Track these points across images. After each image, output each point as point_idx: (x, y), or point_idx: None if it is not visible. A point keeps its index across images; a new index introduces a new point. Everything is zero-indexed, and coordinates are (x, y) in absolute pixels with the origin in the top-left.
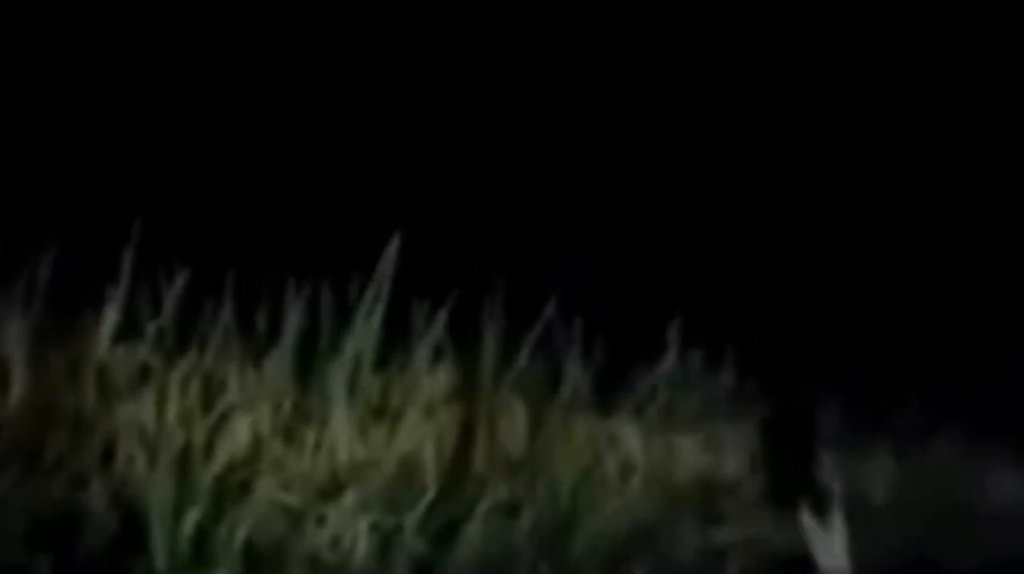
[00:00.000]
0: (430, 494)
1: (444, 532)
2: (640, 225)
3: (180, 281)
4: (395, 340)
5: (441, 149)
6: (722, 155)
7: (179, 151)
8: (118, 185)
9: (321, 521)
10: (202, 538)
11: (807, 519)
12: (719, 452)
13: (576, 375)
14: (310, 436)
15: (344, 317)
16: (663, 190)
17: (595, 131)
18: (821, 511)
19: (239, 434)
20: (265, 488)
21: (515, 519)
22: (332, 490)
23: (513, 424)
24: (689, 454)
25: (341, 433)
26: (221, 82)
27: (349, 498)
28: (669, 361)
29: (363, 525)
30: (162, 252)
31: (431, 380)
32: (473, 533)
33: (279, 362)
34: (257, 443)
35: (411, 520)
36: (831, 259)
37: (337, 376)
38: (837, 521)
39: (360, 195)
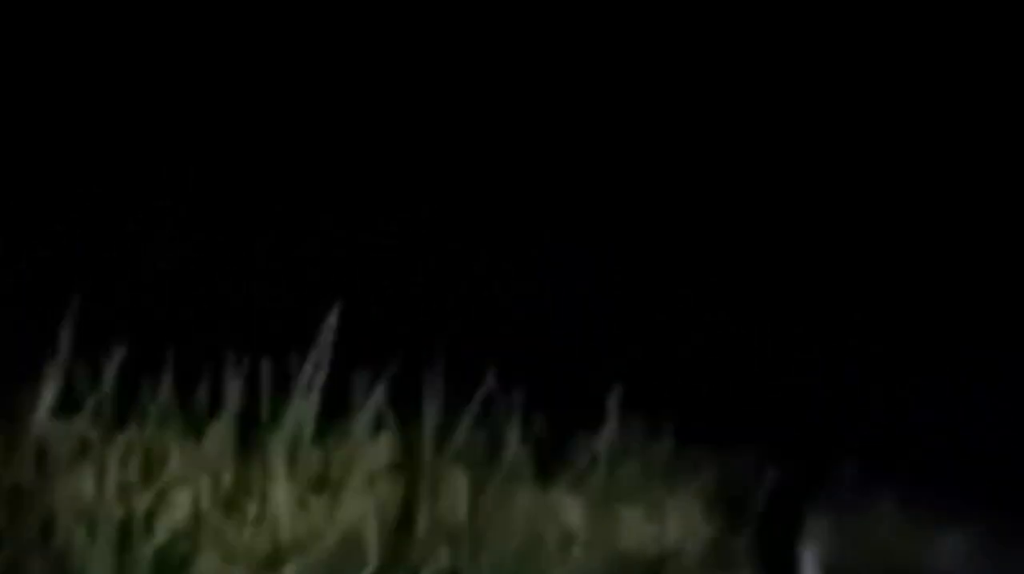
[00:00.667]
0: (372, 566)
1: None
2: (575, 295)
3: (119, 355)
4: (335, 412)
5: (374, 221)
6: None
7: (115, 223)
8: (54, 258)
9: None
10: None
11: None
12: (660, 520)
13: (516, 446)
14: (251, 509)
15: (284, 389)
16: (600, 260)
17: (532, 209)
18: None
19: (179, 508)
20: (207, 562)
21: None
22: (274, 563)
23: (454, 495)
24: (630, 523)
25: (282, 506)
26: (154, 157)
27: (291, 571)
28: (609, 430)
29: None
30: (101, 326)
31: (372, 451)
32: None
33: (219, 435)
34: (198, 517)
35: None
36: (766, 322)
37: (277, 449)
38: None
39: (297, 267)
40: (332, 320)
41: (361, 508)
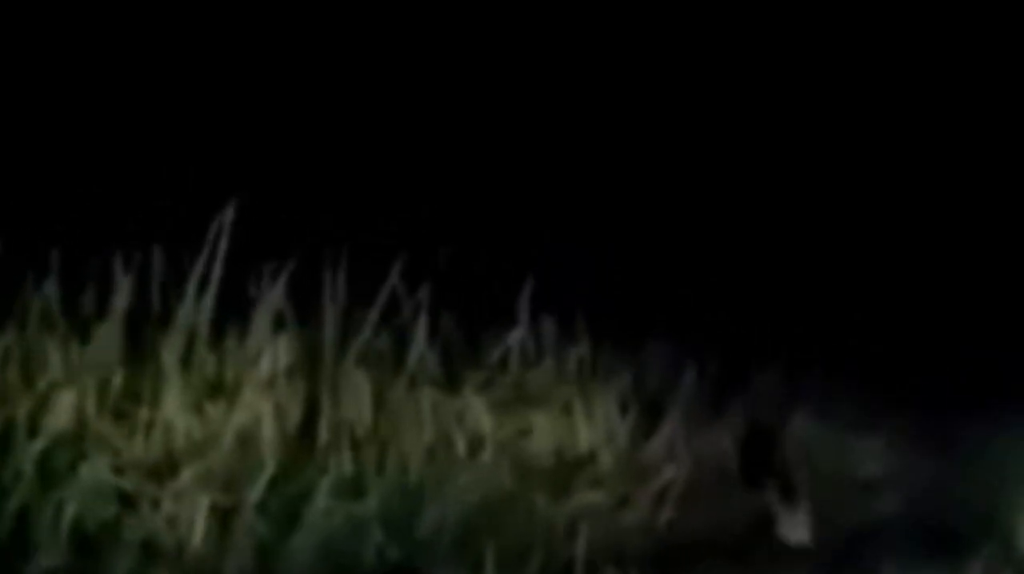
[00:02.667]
0: (270, 472)
1: (286, 511)
2: (486, 187)
3: None
4: (231, 311)
5: (276, 113)
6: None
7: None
8: None
9: (156, 502)
10: (25, 520)
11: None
12: (572, 424)
13: (422, 346)
14: (142, 414)
15: (177, 287)
16: (515, 152)
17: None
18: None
19: (63, 412)
20: (94, 467)
21: (361, 497)
22: (167, 469)
23: (357, 398)
24: (540, 427)
25: (175, 410)
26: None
27: (186, 477)
28: (520, 330)
29: (201, 505)
30: None
31: (270, 352)
32: (316, 512)
33: (107, 336)
34: (83, 421)
35: (251, 500)
36: (682, 223)
37: (170, 350)
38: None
39: (194, 156)
40: (228, 213)
41: (259, 412)
